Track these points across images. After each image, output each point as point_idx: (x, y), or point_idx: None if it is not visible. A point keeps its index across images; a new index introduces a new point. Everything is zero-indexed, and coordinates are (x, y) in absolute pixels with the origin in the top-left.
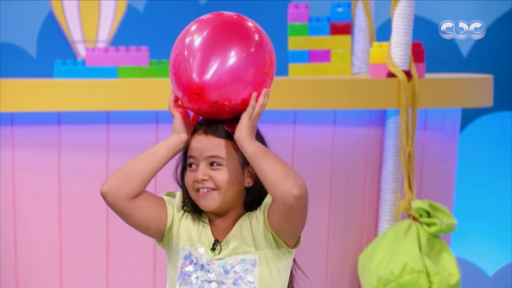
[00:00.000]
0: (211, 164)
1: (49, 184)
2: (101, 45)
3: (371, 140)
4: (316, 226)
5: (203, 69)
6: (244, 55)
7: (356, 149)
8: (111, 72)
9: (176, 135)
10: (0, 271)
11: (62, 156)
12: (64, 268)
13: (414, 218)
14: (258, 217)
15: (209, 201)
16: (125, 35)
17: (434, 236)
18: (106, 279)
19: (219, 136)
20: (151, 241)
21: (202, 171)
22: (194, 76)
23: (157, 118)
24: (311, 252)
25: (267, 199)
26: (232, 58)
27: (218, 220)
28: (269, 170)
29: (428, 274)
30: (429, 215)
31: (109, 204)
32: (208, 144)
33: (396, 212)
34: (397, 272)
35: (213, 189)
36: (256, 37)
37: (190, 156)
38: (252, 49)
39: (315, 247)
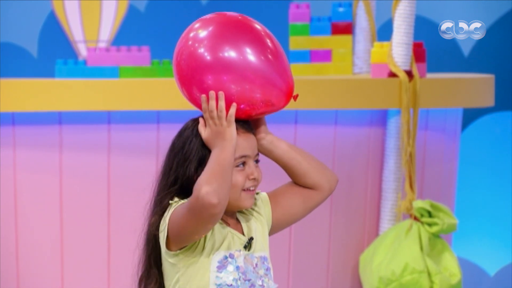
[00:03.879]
0: (256, 161)
1: (50, 184)
2: (102, 45)
3: (372, 140)
4: (317, 226)
5: (289, 71)
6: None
7: (357, 149)
8: (112, 72)
9: (234, 143)
10: (0, 271)
11: (63, 156)
12: (65, 268)
13: (416, 218)
14: (257, 216)
15: (253, 199)
16: (126, 35)
17: (436, 236)
18: (107, 279)
19: (253, 133)
20: None
21: (255, 169)
22: (290, 78)
23: (158, 118)
24: (312, 251)
25: (258, 198)
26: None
27: (231, 220)
28: (310, 159)
29: (429, 274)
30: (430, 215)
31: (212, 214)
32: (255, 142)
33: (398, 212)
34: (398, 272)
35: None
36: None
37: (243, 156)
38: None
39: (317, 247)
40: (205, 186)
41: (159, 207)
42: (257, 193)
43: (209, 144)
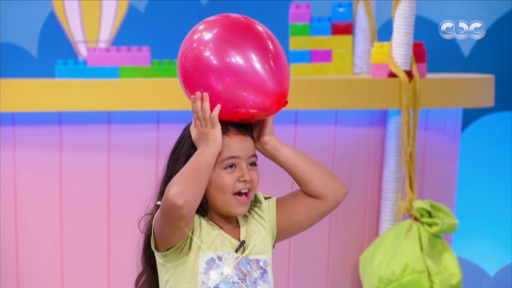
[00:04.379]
0: (251, 164)
1: (50, 184)
2: (102, 45)
3: (372, 140)
4: (317, 226)
5: (285, 77)
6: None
7: (357, 149)
8: (112, 72)
9: (217, 144)
10: (0, 271)
11: (63, 156)
12: (65, 268)
13: (415, 218)
14: (259, 220)
15: (247, 206)
16: (126, 35)
17: (436, 236)
18: (107, 279)
19: (251, 135)
20: None
21: (246, 171)
22: (284, 84)
23: (158, 118)
24: (312, 252)
25: (265, 202)
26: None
27: (227, 223)
28: (316, 168)
29: (429, 274)
30: (430, 215)
31: (179, 215)
32: (250, 144)
33: (398, 212)
34: (398, 272)
35: (249, 190)
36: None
37: (232, 157)
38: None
39: (316, 247)
40: (174, 187)
41: (153, 206)
42: (266, 198)
43: (196, 144)
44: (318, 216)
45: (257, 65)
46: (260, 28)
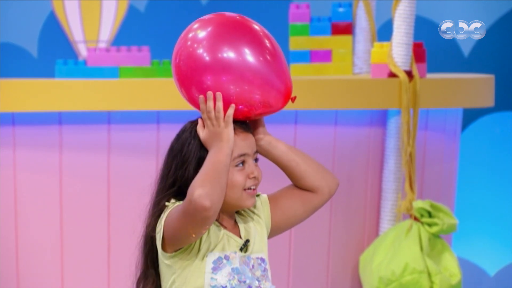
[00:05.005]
0: (255, 160)
1: (50, 184)
2: (102, 45)
3: (372, 140)
4: (317, 226)
5: (287, 73)
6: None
7: (357, 149)
8: (112, 72)
9: (231, 144)
10: (0, 271)
11: (63, 156)
12: (65, 268)
13: (416, 218)
14: (255, 218)
15: (254, 199)
16: (126, 35)
17: (436, 236)
18: (107, 279)
19: (252, 132)
20: None
21: (255, 167)
22: (288, 80)
23: (158, 118)
24: (312, 252)
25: (258, 200)
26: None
27: (229, 222)
28: (310, 161)
29: (429, 274)
30: (430, 215)
31: (206, 216)
32: (253, 141)
33: (398, 212)
34: (398, 272)
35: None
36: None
37: (242, 155)
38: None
39: (316, 247)
40: (198, 189)
41: (156, 209)
42: (257, 195)
43: (207, 145)
44: (312, 209)
45: (256, 62)
46: (256, 26)
